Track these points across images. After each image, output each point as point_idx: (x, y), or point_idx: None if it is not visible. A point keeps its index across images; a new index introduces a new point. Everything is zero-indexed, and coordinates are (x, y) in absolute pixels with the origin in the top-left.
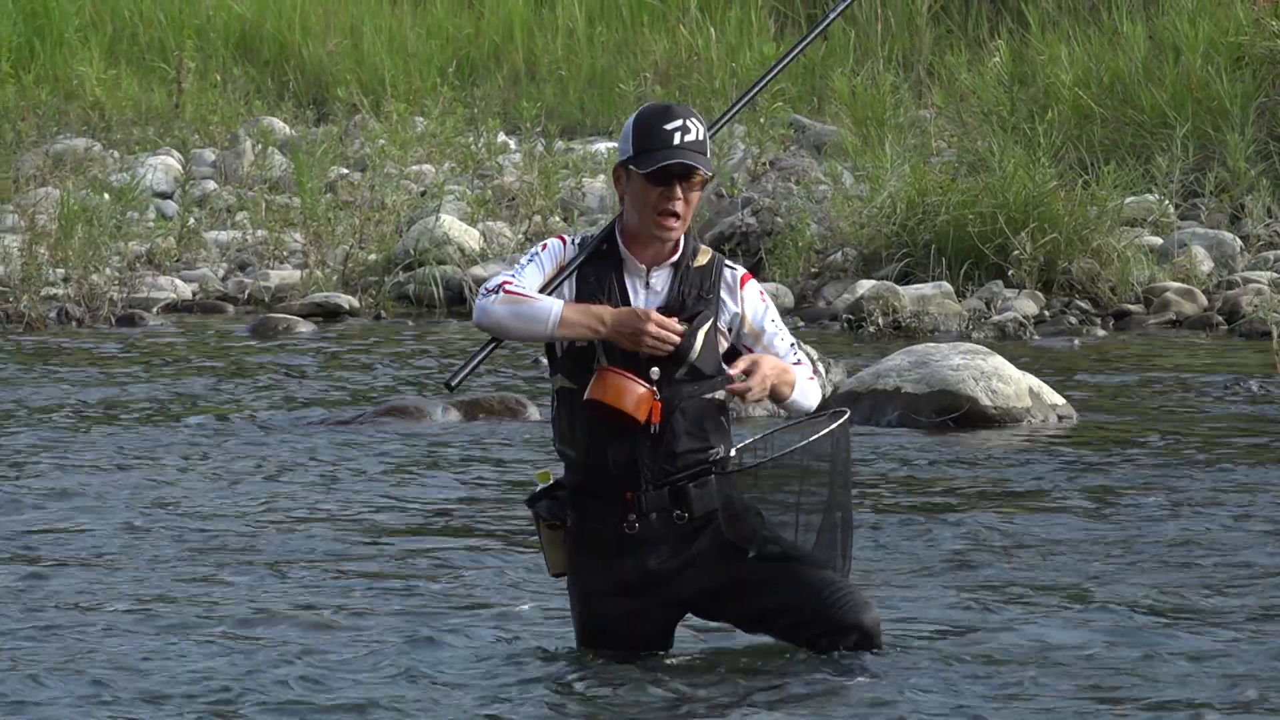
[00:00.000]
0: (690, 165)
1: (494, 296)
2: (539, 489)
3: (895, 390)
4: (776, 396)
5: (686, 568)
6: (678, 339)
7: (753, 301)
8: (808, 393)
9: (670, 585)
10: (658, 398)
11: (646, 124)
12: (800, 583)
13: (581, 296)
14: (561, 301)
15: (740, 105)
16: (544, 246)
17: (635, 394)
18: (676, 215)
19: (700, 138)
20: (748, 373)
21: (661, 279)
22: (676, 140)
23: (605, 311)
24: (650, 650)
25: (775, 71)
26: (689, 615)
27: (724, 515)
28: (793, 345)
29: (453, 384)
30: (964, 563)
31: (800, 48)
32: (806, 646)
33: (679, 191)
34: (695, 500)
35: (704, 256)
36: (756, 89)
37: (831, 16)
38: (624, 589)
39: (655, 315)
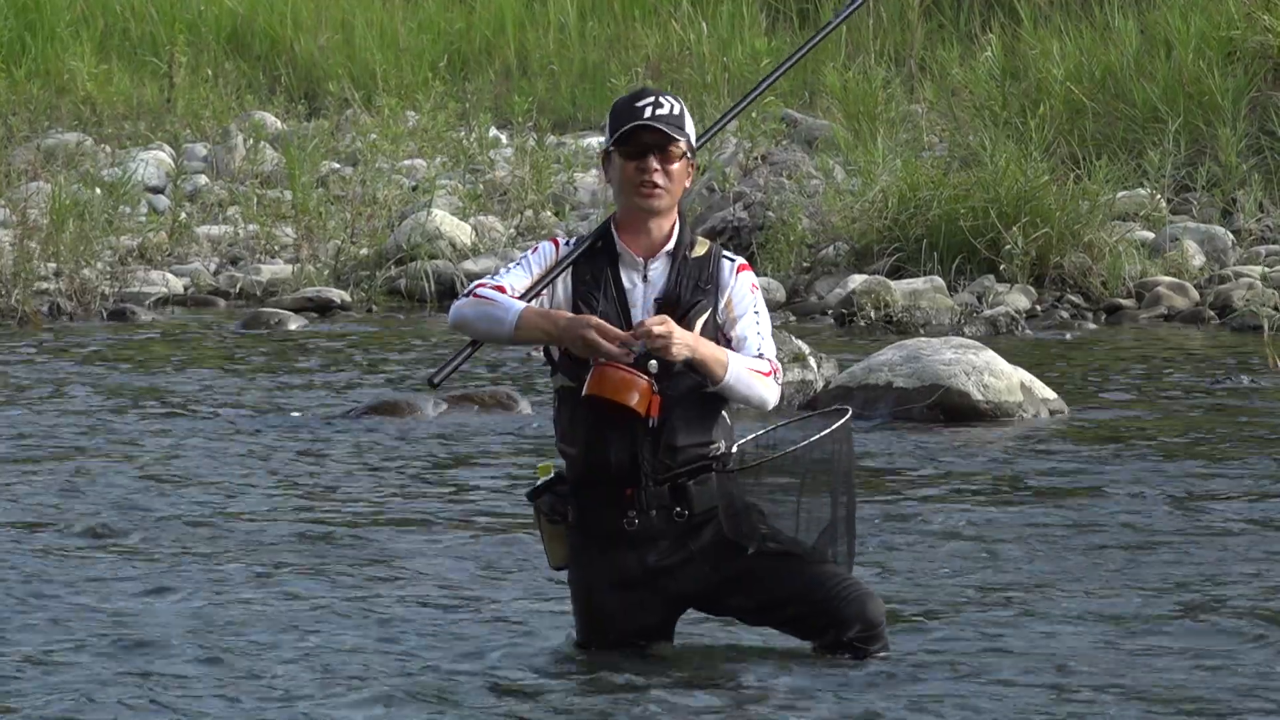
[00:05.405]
0: (660, 131)
1: (466, 299)
2: (540, 483)
3: (887, 385)
4: (707, 373)
5: (687, 563)
6: (614, 349)
7: (742, 288)
8: (752, 385)
9: (671, 580)
10: (656, 391)
11: (619, 106)
12: (802, 576)
13: (578, 294)
14: (522, 305)
15: (739, 109)
16: (534, 249)
17: (635, 387)
18: (657, 185)
19: (674, 113)
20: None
21: (658, 270)
22: (647, 114)
23: (560, 316)
24: (651, 643)
25: (777, 75)
26: (690, 609)
27: (724, 513)
28: (762, 342)
29: (435, 381)
30: (953, 558)
31: (804, 51)
32: (809, 639)
33: (654, 163)
34: (695, 497)
35: (701, 247)
36: (757, 93)
37: (838, 20)
38: (625, 583)
39: (596, 322)
